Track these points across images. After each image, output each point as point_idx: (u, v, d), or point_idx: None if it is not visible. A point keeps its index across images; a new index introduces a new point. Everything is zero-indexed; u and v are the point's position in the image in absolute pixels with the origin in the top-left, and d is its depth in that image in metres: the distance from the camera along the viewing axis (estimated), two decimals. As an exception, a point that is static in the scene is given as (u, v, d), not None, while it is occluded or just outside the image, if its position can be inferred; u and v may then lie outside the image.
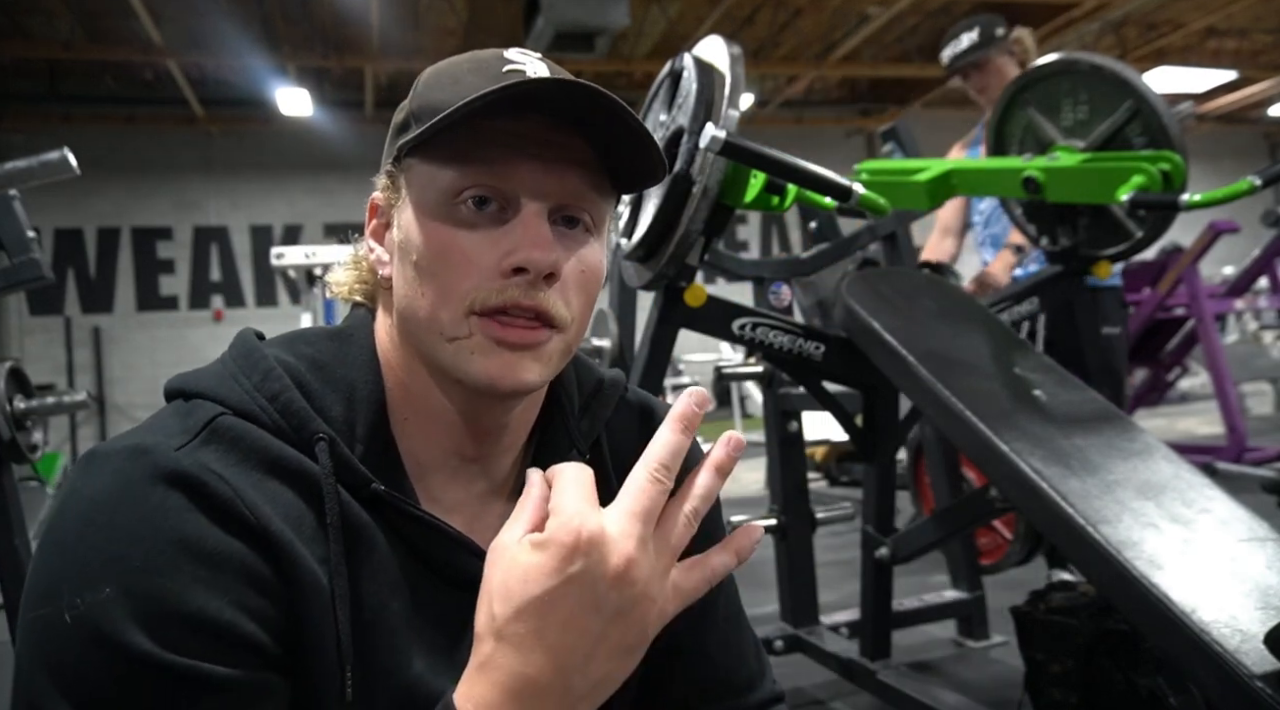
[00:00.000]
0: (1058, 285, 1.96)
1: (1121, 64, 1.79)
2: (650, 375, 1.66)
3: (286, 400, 0.63)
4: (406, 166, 0.66)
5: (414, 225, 0.64)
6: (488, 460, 0.70)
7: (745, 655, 0.80)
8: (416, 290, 0.64)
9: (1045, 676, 1.71)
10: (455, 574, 0.66)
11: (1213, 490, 1.28)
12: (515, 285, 0.62)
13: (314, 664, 0.59)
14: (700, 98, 1.48)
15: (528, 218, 0.62)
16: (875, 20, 9.62)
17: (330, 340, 0.69)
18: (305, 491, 0.61)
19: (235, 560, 0.57)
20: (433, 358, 0.65)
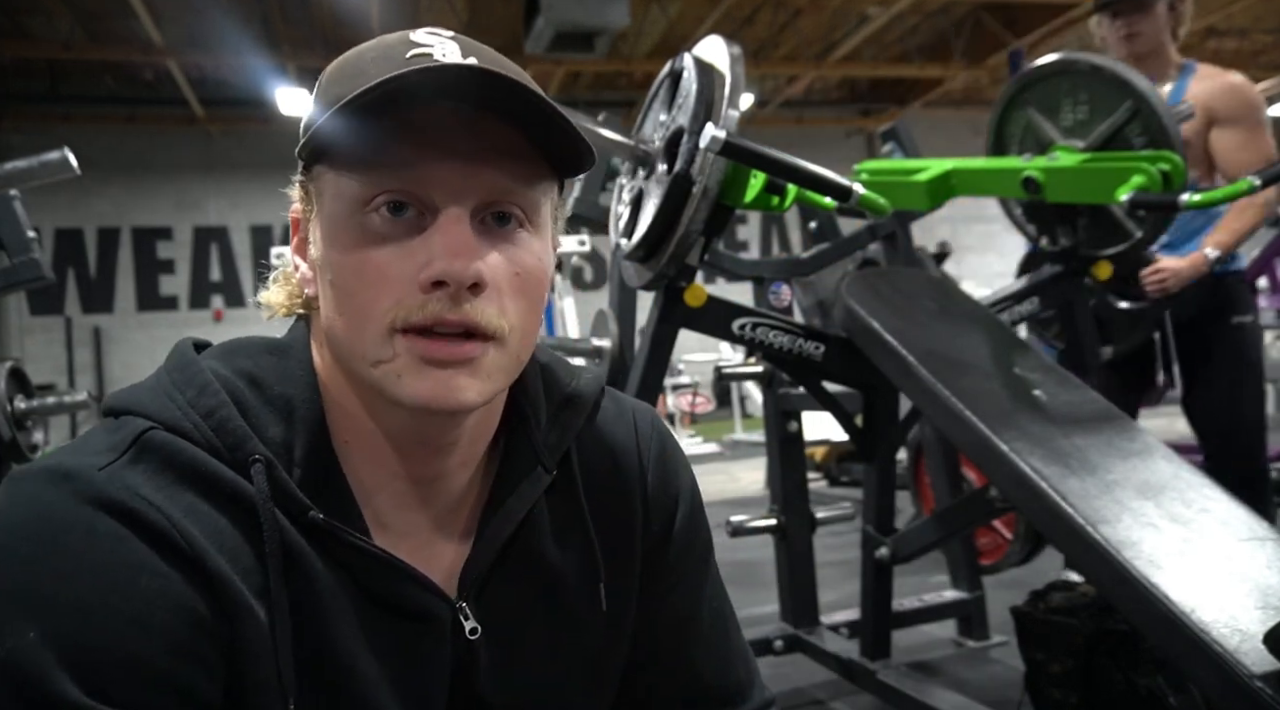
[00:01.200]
0: (1058, 285, 1.96)
1: (1121, 64, 1.79)
2: (650, 375, 1.66)
3: (222, 418, 0.58)
4: (316, 175, 0.60)
5: (327, 240, 0.59)
6: (440, 480, 0.64)
7: (732, 663, 0.77)
8: (335, 311, 0.59)
9: (1045, 676, 1.71)
10: (402, 605, 0.62)
11: (1213, 490, 1.28)
12: (437, 300, 0.56)
13: (255, 705, 0.55)
14: (700, 98, 1.48)
15: (445, 223, 0.56)
16: (875, 20, 9.62)
17: (269, 354, 0.63)
18: (240, 517, 0.56)
19: (171, 597, 0.52)
20: (362, 381, 0.60)
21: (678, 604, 0.75)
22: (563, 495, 0.69)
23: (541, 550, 0.67)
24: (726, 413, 9.77)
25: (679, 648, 0.75)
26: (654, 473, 0.74)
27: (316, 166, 0.60)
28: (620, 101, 11.27)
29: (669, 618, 0.74)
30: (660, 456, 0.75)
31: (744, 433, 8.71)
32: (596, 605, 0.69)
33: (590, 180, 2.46)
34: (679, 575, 0.75)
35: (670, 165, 1.52)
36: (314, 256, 0.61)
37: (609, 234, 1.82)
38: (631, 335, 2.36)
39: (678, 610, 0.75)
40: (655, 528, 0.73)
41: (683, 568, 0.75)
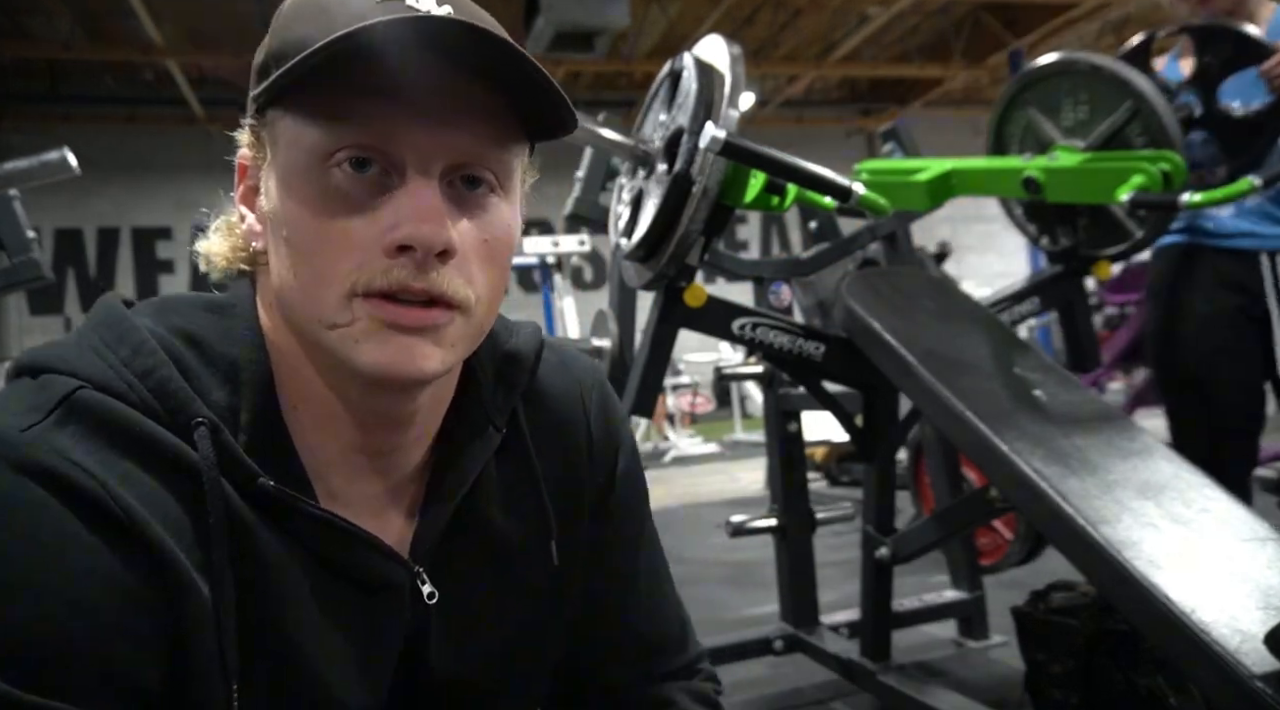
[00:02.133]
0: (1058, 285, 1.96)
1: (1121, 64, 1.79)
2: (650, 375, 1.66)
3: (161, 378, 0.53)
4: (270, 120, 0.55)
5: (280, 193, 0.55)
6: (396, 453, 0.61)
7: (668, 616, 0.78)
8: (289, 270, 0.55)
9: (1045, 676, 1.71)
10: (361, 576, 0.59)
11: (1213, 490, 1.28)
12: (402, 266, 0.53)
13: (199, 687, 0.52)
14: (700, 98, 1.48)
15: (414, 185, 0.53)
16: (875, 20, 9.63)
17: (208, 312, 0.58)
18: (182, 485, 0.52)
19: (104, 573, 0.48)
20: (316, 345, 0.56)
21: (617, 557, 0.74)
22: (512, 454, 0.67)
23: (493, 512, 0.66)
24: (726, 413, 9.78)
25: (618, 601, 0.74)
26: (597, 424, 0.73)
27: (271, 110, 0.55)
28: (620, 101, 11.27)
29: (609, 571, 0.74)
30: (602, 408, 0.74)
31: (744, 433, 8.71)
32: (548, 563, 0.68)
33: (590, 180, 2.46)
34: (619, 528, 0.74)
35: (670, 165, 1.52)
36: (265, 208, 0.57)
37: (609, 234, 1.82)
38: (631, 335, 2.36)
39: (618, 563, 0.75)
40: (600, 480, 0.72)
41: (623, 520, 0.75)
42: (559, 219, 10.97)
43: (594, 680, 0.75)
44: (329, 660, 0.57)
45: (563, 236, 5.07)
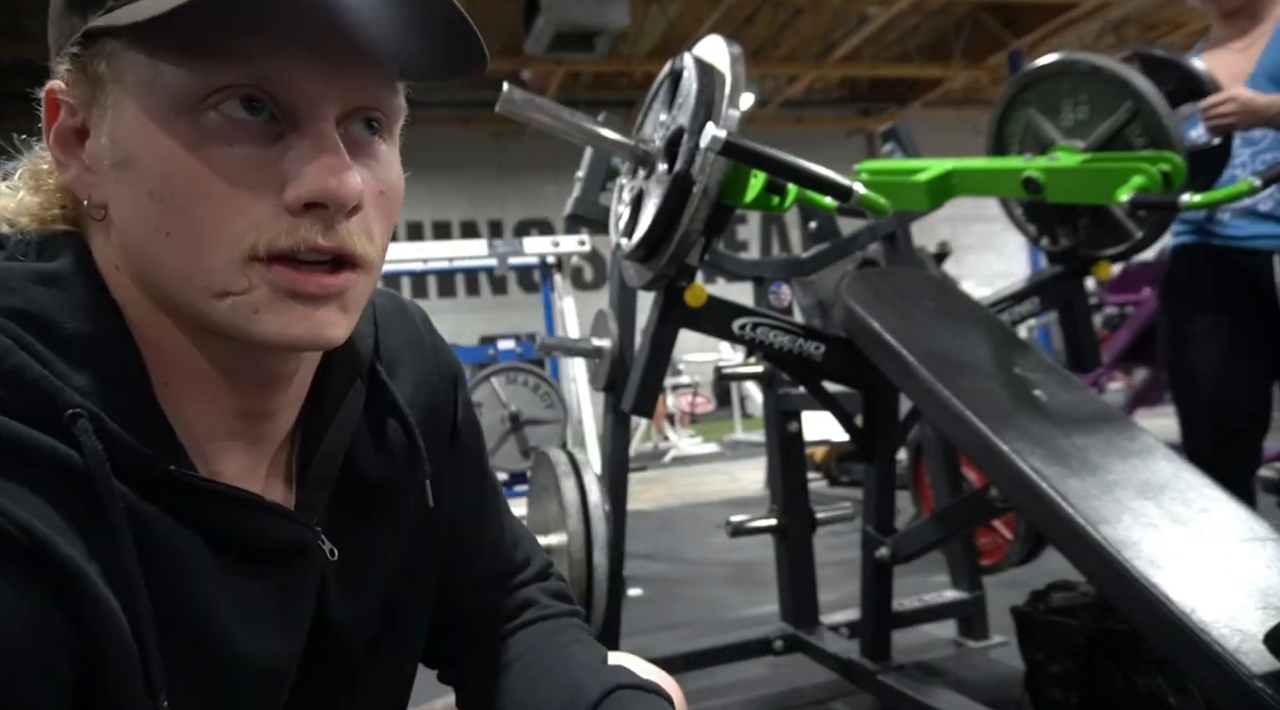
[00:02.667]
0: (1058, 285, 1.96)
1: (1122, 64, 1.79)
2: (650, 375, 1.66)
3: (15, 367, 0.46)
4: (108, 51, 0.48)
5: (139, 139, 0.47)
6: (273, 418, 0.57)
7: (519, 539, 0.81)
8: (156, 229, 0.48)
9: (1045, 676, 1.71)
10: (267, 545, 0.56)
11: (1213, 490, 1.28)
12: (308, 224, 0.48)
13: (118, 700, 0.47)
14: (700, 98, 1.48)
15: (314, 132, 0.48)
16: (875, 20, 9.64)
17: (40, 285, 0.49)
18: (63, 491, 0.45)
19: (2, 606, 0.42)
20: (197, 313, 0.50)
21: (471, 490, 0.75)
22: (377, 403, 0.65)
23: (369, 462, 0.64)
24: (726, 413, 9.78)
25: (478, 531, 0.76)
26: (438, 360, 0.72)
27: (113, 40, 0.47)
28: (620, 101, 11.27)
29: (467, 504, 0.75)
30: (436, 343, 0.72)
31: (744, 433, 8.71)
32: (425, 504, 0.67)
33: (590, 180, 2.46)
34: (468, 460, 0.75)
35: (670, 165, 1.52)
36: (106, 158, 0.49)
37: (609, 234, 1.82)
38: (631, 335, 2.36)
39: (472, 495, 0.76)
40: (450, 414, 0.72)
41: (469, 452, 0.75)
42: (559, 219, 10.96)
43: (465, 608, 0.77)
44: (250, 639, 0.55)
45: (563, 236, 5.07)
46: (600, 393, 2.40)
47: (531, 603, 0.79)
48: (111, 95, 0.48)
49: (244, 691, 0.55)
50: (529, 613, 0.79)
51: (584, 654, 0.74)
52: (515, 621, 0.78)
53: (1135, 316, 4.63)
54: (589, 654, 0.74)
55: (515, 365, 4.60)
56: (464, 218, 12.13)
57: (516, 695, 0.72)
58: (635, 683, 0.68)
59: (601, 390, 2.36)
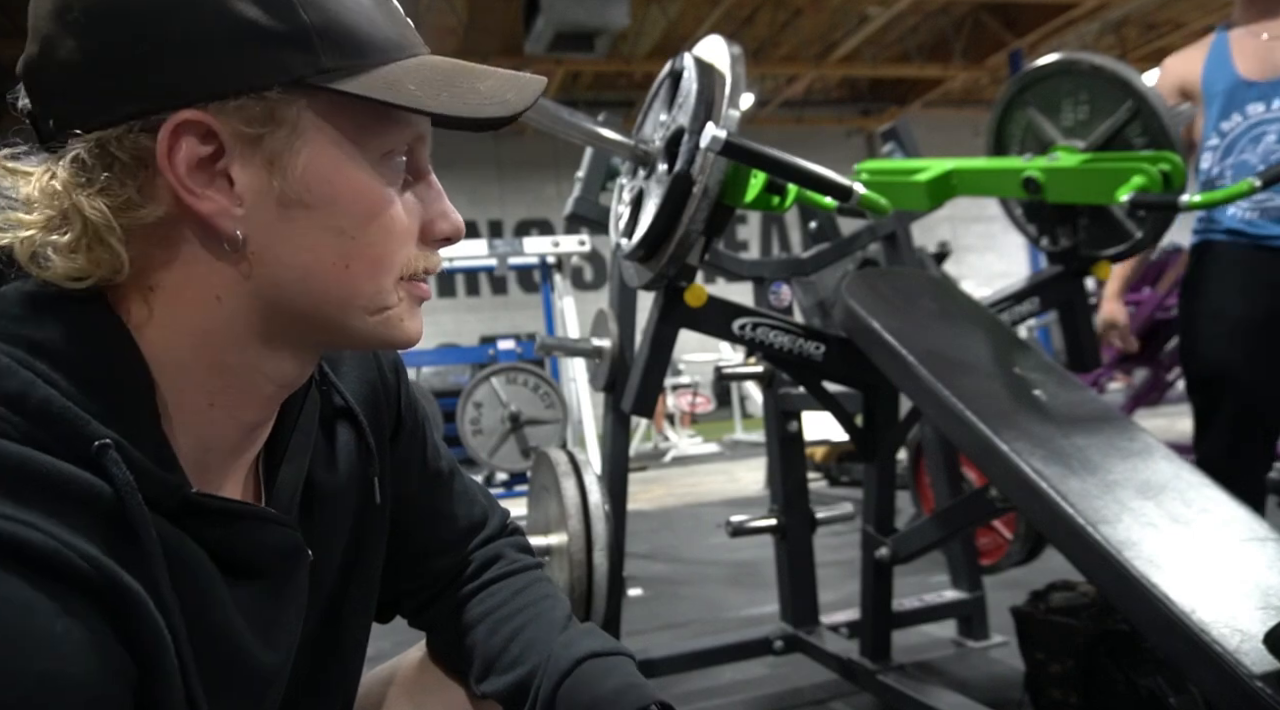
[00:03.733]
0: (1058, 285, 1.96)
1: (1122, 64, 1.79)
2: (650, 375, 1.66)
3: (41, 401, 0.46)
4: (301, 100, 0.52)
5: (339, 185, 0.53)
6: (260, 427, 0.61)
7: (474, 496, 0.87)
8: (336, 262, 0.54)
9: (1045, 676, 1.71)
10: (266, 556, 0.60)
11: (1213, 490, 1.28)
12: (433, 251, 0.61)
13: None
14: (700, 98, 1.48)
15: (436, 183, 0.61)
16: (875, 20, 9.64)
17: (50, 313, 0.50)
18: (99, 523, 0.46)
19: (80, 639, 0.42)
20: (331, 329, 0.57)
21: (421, 466, 0.81)
22: (328, 405, 0.70)
23: (323, 462, 0.69)
24: (726, 413, 9.78)
25: (432, 503, 0.82)
26: (377, 358, 0.77)
27: (315, 91, 0.51)
28: (620, 101, 11.27)
29: (419, 482, 0.81)
30: None
31: (744, 433, 8.71)
32: (372, 500, 0.72)
33: (590, 180, 2.46)
34: (417, 440, 0.80)
35: (670, 165, 1.52)
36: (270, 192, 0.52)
37: (609, 234, 1.82)
38: (631, 335, 2.36)
39: (425, 471, 0.81)
40: (391, 406, 0.77)
41: (418, 436, 0.81)
42: (559, 219, 10.93)
43: (431, 567, 0.83)
44: (262, 648, 0.59)
45: (563, 236, 5.07)
46: (600, 393, 2.40)
47: (499, 557, 0.85)
48: (298, 141, 0.52)
49: (261, 697, 0.60)
50: (497, 567, 0.84)
51: (552, 613, 0.79)
52: (484, 576, 0.83)
53: (1135, 316, 4.63)
54: (557, 613, 0.79)
55: (515, 365, 4.60)
56: (464, 217, 12.11)
57: (488, 651, 0.77)
58: (604, 649, 0.74)
59: (601, 390, 2.36)
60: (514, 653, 0.76)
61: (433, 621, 0.84)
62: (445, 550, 0.83)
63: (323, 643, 0.70)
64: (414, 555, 0.81)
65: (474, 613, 0.81)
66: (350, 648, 0.74)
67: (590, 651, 0.73)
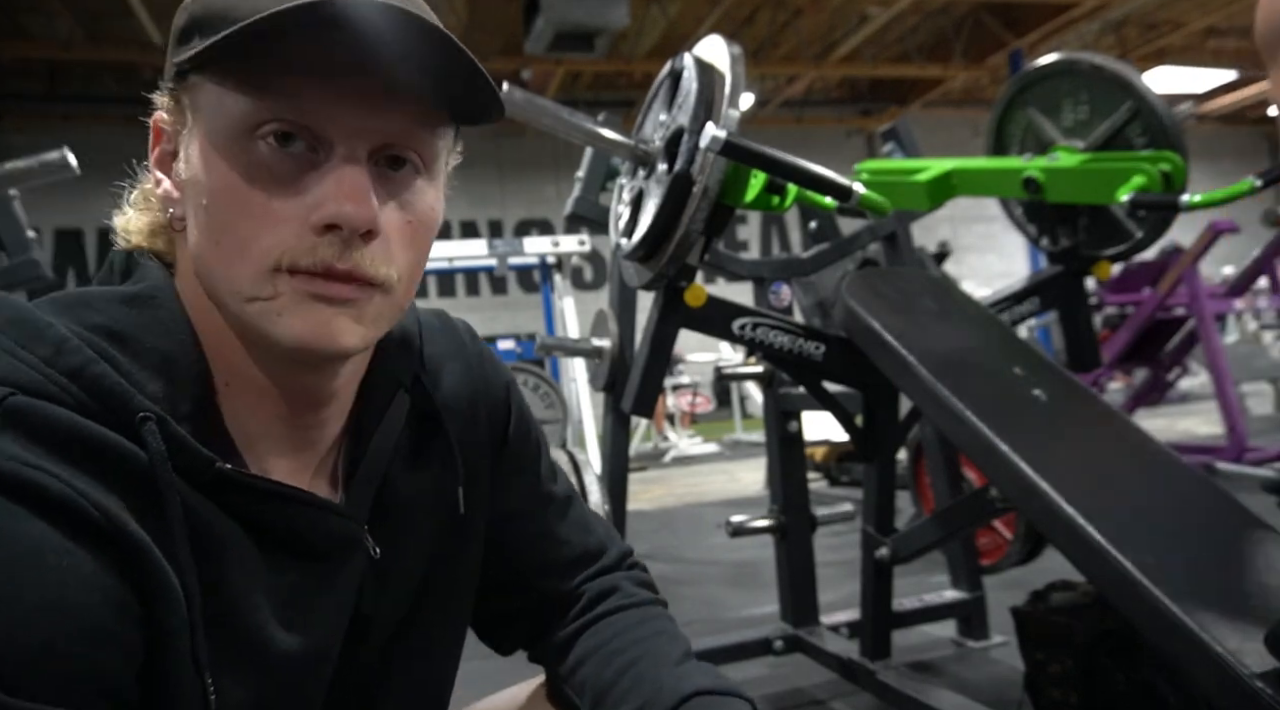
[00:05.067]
0: (1058, 285, 1.96)
1: (1122, 64, 1.79)
2: (650, 375, 1.66)
3: (95, 375, 0.52)
4: (192, 85, 0.55)
5: (202, 161, 0.55)
6: (318, 427, 0.63)
7: (592, 526, 0.84)
8: (209, 239, 0.55)
9: (1045, 676, 1.71)
10: (316, 543, 0.61)
11: (1213, 490, 1.28)
12: (328, 244, 0.54)
13: (170, 678, 0.51)
14: (700, 97, 1.48)
15: (340, 163, 0.54)
16: (875, 20, 9.63)
17: (125, 306, 0.56)
18: (130, 484, 0.51)
19: (84, 577, 0.47)
20: (235, 317, 0.56)
21: (531, 487, 0.81)
22: (418, 412, 0.71)
23: (406, 468, 0.69)
24: (726, 413, 9.78)
25: (543, 525, 0.81)
26: (485, 371, 0.77)
27: (194, 75, 0.55)
28: (620, 101, 11.27)
29: (528, 501, 0.80)
30: (481, 356, 0.78)
31: (744, 433, 8.71)
32: (455, 511, 0.72)
33: (590, 180, 2.46)
34: (526, 459, 0.80)
35: (670, 165, 1.52)
36: (183, 175, 0.57)
37: (609, 234, 1.82)
38: (631, 335, 2.36)
39: (535, 492, 0.81)
40: (498, 424, 0.78)
41: (527, 456, 0.80)
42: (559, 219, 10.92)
43: (541, 592, 0.81)
44: (286, 628, 0.59)
45: (563, 236, 5.07)
46: (600, 393, 2.40)
47: (615, 589, 0.82)
48: (191, 124, 0.56)
49: (280, 677, 0.59)
50: (613, 600, 0.81)
51: (667, 648, 0.76)
52: (599, 609, 0.80)
53: (1135, 316, 4.63)
54: (672, 649, 0.76)
55: (515, 365, 4.60)
56: (464, 217, 12.13)
57: (599, 685, 0.75)
58: (715, 687, 0.70)
59: (601, 390, 2.36)
60: (624, 687, 0.73)
61: (545, 653, 0.82)
62: (556, 574, 0.81)
63: (405, 646, 0.70)
64: (522, 575, 0.80)
65: (586, 646, 0.78)
66: (438, 655, 0.74)
67: (701, 689, 0.69)
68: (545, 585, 0.80)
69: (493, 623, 0.82)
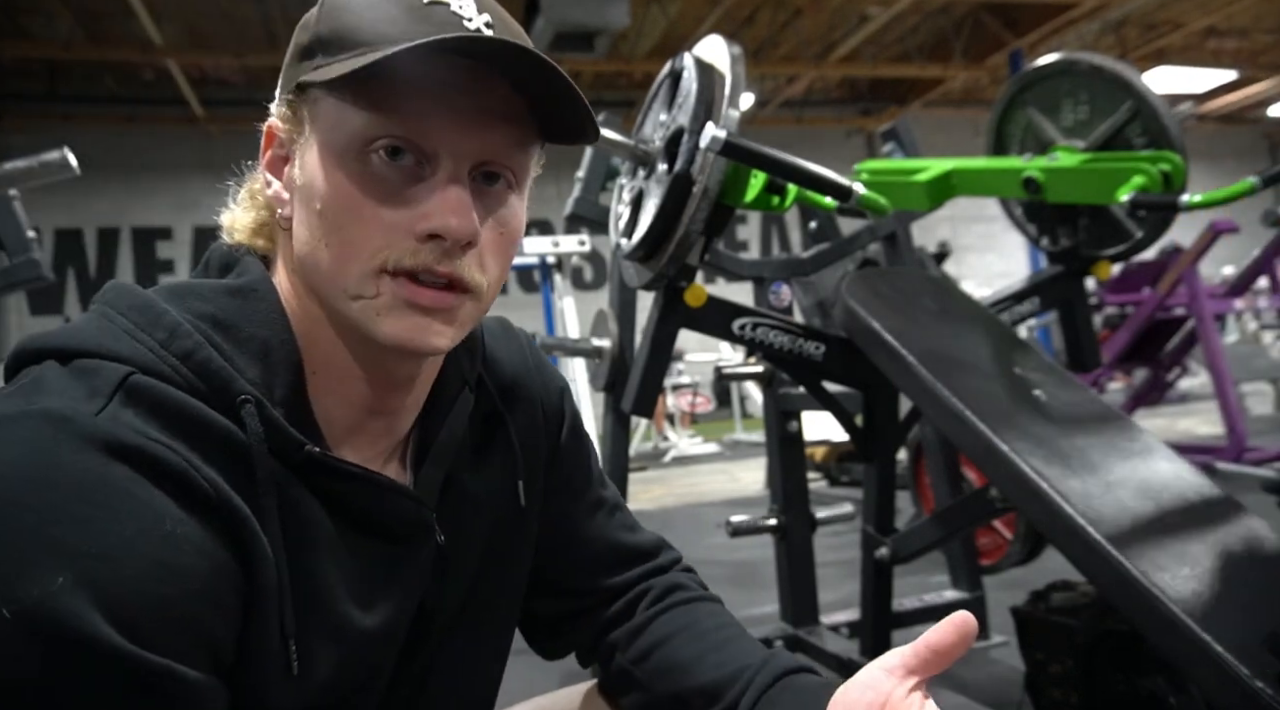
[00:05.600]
0: (1058, 285, 1.96)
1: (1122, 64, 1.79)
2: (650, 375, 1.66)
3: (203, 359, 0.57)
4: (312, 98, 0.60)
5: (319, 169, 0.59)
6: (395, 415, 0.67)
7: (642, 530, 0.88)
8: (319, 240, 0.60)
9: (1045, 676, 1.71)
10: (392, 526, 0.65)
11: (1212, 490, 1.28)
12: (429, 250, 0.59)
13: (258, 642, 0.55)
14: (700, 97, 1.48)
15: (445, 178, 0.59)
16: (875, 20, 9.62)
17: (230, 296, 0.61)
18: (231, 462, 0.55)
19: (194, 542, 0.51)
20: (336, 312, 0.61)
21: (583, 489, 0.84)
22: (481, 410, 0.75)
23: (471, 461, 0.73)
24: (726, 413, 9.77)
25: (595, 524, 0.84)
26: (542, 376, 0.82)
27: (315, 89, 0.60)
28: (620, 101, 11.26)
29: (579, 503, 0.83)
30: (540, 362, 0.83)
31: (744, 433, 8.71)
32: (516, 503, 0.76)
33: (590, 180, 2.46)
34: (579, 464, 0.84)
35: (670, 165, 1.52)
36: (296, 179, 0.62)
37: (609, 234, 1.82)
38: (631, 335, 2.36)
39: (586, 494, 0.84)
40: (553, 426, 0.82)
41: (580, 459, 0.84)
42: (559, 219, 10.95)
43: (595, 587, 0.83)
44: (360, 603, 0.63)
45: (563, 236, 5.07)
46: (600, 393, 2.40)
47: (681, 586, 0.85)
48: (308, 133, 0.61)
49: (355, 652, 0.63)
50: (681, 594, 0.84)
51: (744, 637, 0.79)
52: (672, 599, 0.83)
53: (1135, 316, 4.63)
54: (748, 638, 0.79)
55: (515, 365, 4.59)
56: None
57: (680, 662, 0.77)
58: (803, 665, 0.74)
59: (601, 390, 2.36)
60: (715, 659, 0.75)
61: (606, 649, 0.82)
62: (610, 570, 0.83)
63: (462, 633, 0.73)
64: (576, 576, 0.82)
65: (665, 629, 0.80)
66: (489, 648, 0.77)
67: (795, 666, 0.73)
68: (599, 581, 0.83)
69: (545, 625, 0.84)
